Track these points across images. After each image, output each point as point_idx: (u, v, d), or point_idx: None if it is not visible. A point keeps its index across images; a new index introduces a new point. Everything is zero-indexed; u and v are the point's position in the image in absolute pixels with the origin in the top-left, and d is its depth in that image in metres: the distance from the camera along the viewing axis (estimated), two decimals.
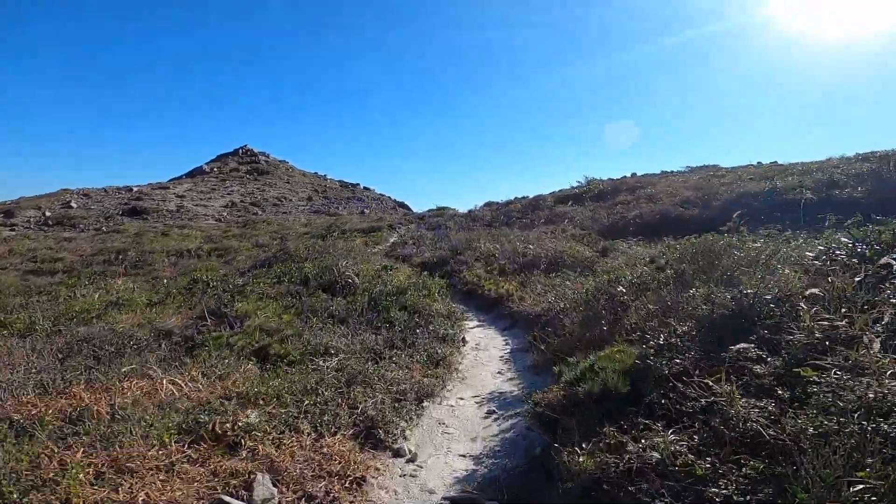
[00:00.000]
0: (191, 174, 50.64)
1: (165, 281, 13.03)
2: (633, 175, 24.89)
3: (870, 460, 1.86)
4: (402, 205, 44.11)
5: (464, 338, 6.58)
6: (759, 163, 23.18)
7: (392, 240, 17.16)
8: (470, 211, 23.99)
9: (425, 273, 9.97)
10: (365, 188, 49.70)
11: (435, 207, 29.55)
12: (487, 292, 8.70)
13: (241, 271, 13.40)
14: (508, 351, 6.38)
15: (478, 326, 7.61)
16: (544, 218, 16.09)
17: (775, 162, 21.91)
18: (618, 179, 20.90)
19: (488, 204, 25.21)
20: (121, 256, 18.54)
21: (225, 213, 31.96)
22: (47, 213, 29.29)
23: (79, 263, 18.07)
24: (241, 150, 57.59)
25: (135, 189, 36.34)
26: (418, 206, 44.61)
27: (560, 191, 21.30)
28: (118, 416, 3.50)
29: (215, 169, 51.33)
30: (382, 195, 47.67)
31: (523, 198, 23.47)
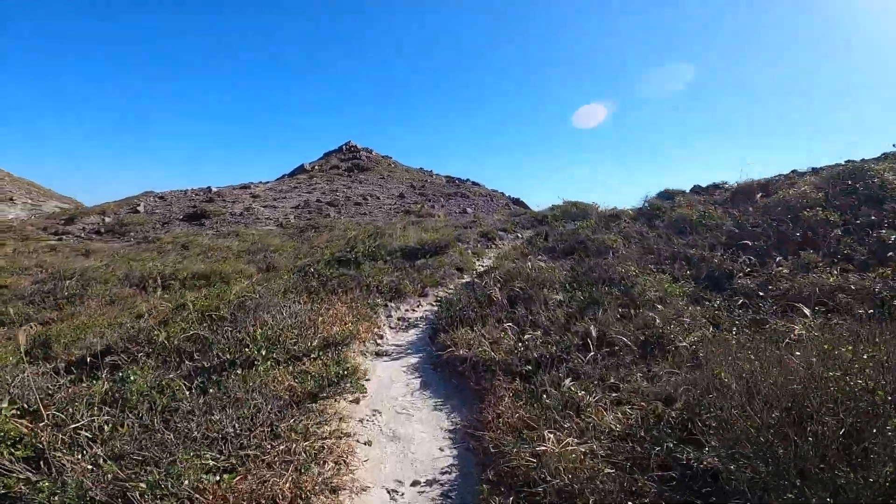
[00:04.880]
0: (292, 173, 47.04)
1: None
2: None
3: None
4: (517, 202, 34.00)
5: None
6: None
7: (466, 279, 7.30)
8: (641, 210, 11.66)
9: None
10: (473, 183, 40.59)
11: (561, 202, 18.56)
12: None
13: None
14: None
15: None
16: None
17: None
18: None
19: (698, 190, 12.71)
20: (66, 284, 11.78)
21: (292, 217, 25.35)
22: (106, 220, 25.63)
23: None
24: (344, 147, 53.14)
25: (213, 190, 32.16)
26: (536, 204, 34.05)
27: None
28: None
29: (316, 167, 46.94)
30: (494, 191, 38.04)
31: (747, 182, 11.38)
